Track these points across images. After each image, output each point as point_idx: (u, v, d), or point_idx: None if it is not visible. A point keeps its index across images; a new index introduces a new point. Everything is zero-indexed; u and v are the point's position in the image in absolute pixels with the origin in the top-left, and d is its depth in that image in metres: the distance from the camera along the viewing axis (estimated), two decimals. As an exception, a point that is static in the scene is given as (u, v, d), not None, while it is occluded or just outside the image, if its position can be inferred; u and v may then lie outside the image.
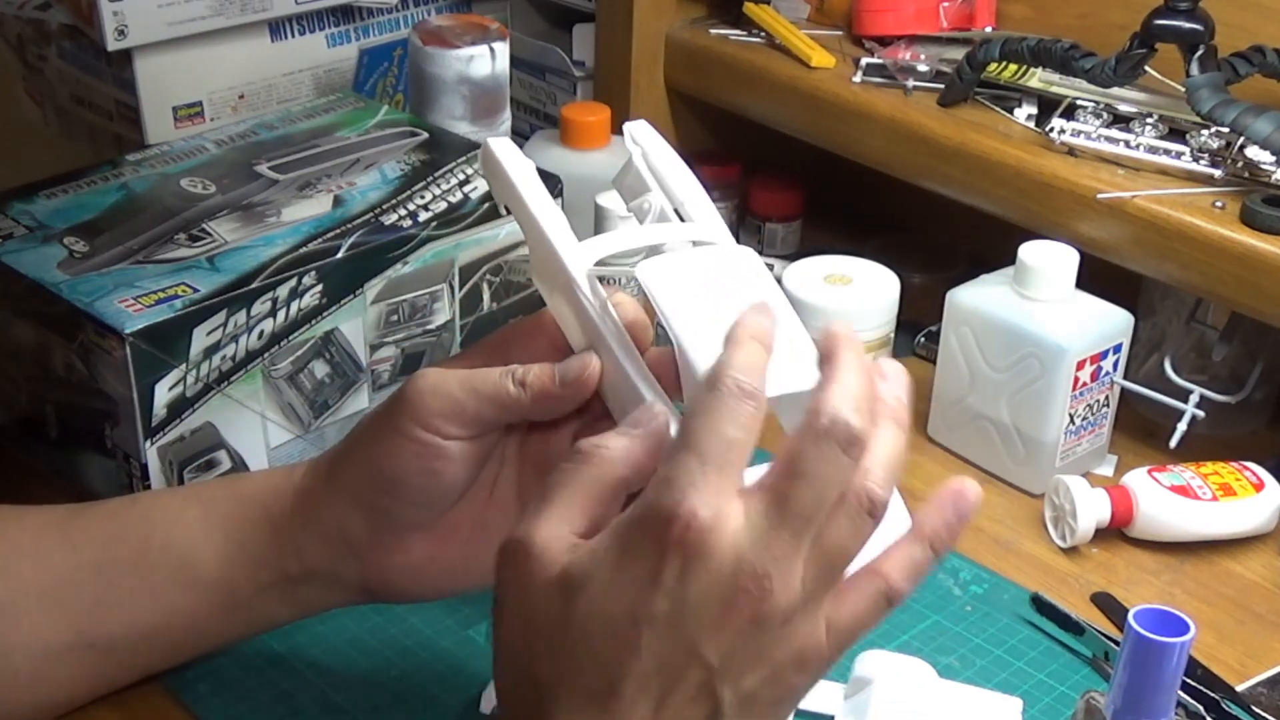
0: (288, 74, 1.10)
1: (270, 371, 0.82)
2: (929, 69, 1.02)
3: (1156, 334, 0.96)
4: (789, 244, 1.18)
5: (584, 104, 1.12)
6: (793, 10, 1.13)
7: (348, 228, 0.85)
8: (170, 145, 0.95)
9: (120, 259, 0.81)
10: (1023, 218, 0.94)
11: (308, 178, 0.91)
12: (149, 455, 0.78)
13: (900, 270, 0.98)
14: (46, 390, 0.82)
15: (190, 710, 0.70)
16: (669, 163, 0.66)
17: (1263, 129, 0.84)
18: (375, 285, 0.85)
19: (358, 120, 0.99)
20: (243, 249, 0.82)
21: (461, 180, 0.91)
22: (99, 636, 0.66)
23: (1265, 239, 0.84)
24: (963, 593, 0.80)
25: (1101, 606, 0.80)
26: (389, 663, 0.73)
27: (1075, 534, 0.83)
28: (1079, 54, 0.92)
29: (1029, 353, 0.86)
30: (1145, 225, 0.88)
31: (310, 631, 0.75)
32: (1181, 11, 0.87)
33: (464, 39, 1.01)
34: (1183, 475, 0.84)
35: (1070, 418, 0.87)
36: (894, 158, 1.01)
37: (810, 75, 1.05)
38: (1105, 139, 0.93)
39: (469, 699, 0.71)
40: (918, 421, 0.95)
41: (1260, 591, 0.82)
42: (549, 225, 0.62)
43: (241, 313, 0.79)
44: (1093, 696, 0.62)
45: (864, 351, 0.55)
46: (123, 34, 0.99)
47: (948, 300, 0.91)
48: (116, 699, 0.70)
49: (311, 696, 0.71)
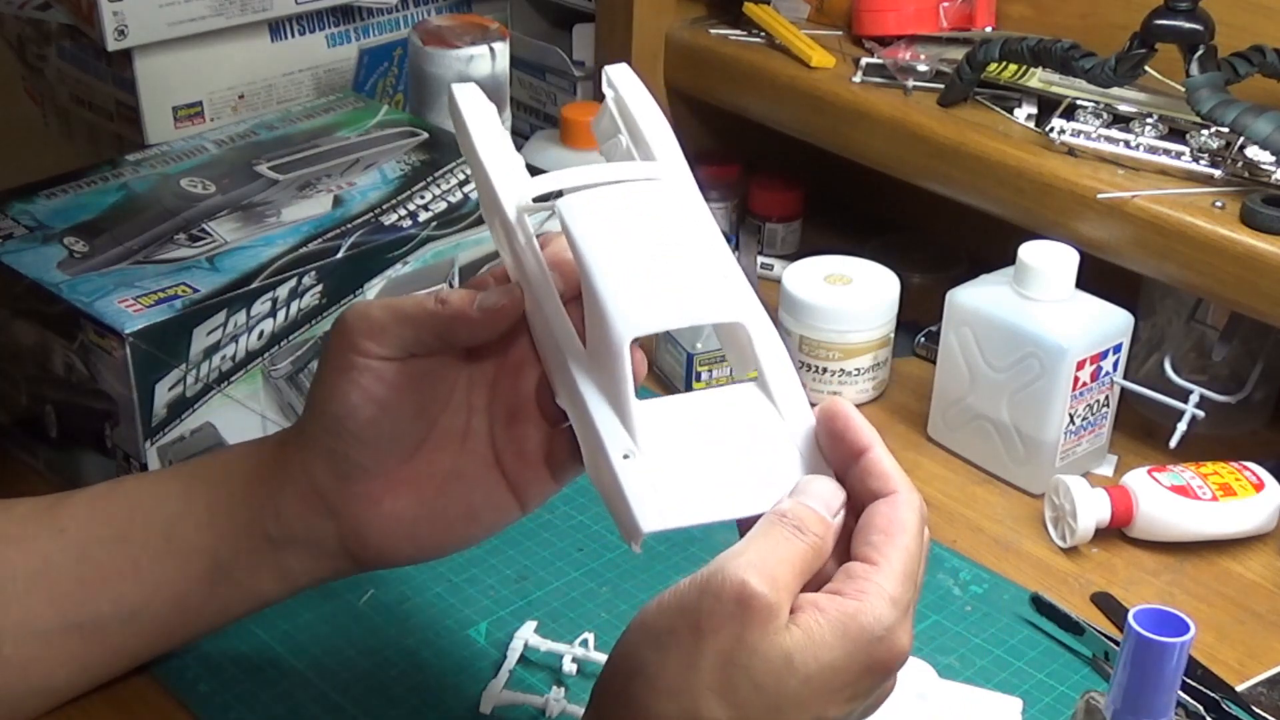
0: (288, 74, 1.10)
1: (270, 371, 0.82)
2: (929, 69, 1.02)
3: (1156, 334, 0.96)
4: (789, 244, 1.18)
5: (584, 104, 1.12)
6: (793, 10, 1.13)
7: (348, 228, 0.85)
8: (170, 145, 0.95)
9: (120, 259, 0.81)
10: (1023, 218, 0.94)
11: (308, 178, 0.91)
12: (149, 455, 0.78)
13: (900, 270, 0.98)
14: (46, 390, 0.82)
15: (190, 710, 0.70)
16: (641, 106, 0.66)
17: (1263, 129, 0.84)
18: (375, 285, 0.85)
19: (358, 120, 0.99)
20: (243, 249, 0.82)
21: (461, 180, 0.91)
22: (85, 617, 0.66)
23: (1265, 239, 0.84)
24: (963, 593, 0.80)
25: (1101, 606, 0.80)
26: (389, 663, 0.73)
27: (1075, 534, 0.83)
28: (1079, 54, 0.92)
29: (1029, 353, 0.86)
30: (1145, 225, 0.88)
31: (310, 631, 0.75)
32: (1181, 11, 0.87)
33: (464, 39, 1.01)
34: (1183, 475, 0.84)
35: (1070, 418, 0.87)
36: (894, 158, 1.01)
37: (810, 75, 1.05)
38: (1105, 139, 0.93)
39: (469, 699, 0.71)
40: (918, 421, 0.95)
41: (1260, 591, 0.82)
42: (490, 160, 0.62)
43: (241, 313, 0.79)
44: (1093, 696, 0.62)
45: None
46: (123, 34, 0.99)
47: (948, 300, 0.90)
48: (116, 699, 0.70)
49: (311, 696, 0.71)
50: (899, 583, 0.54)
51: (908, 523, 0.56)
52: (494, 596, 0.78)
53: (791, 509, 0.55)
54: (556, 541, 0.82)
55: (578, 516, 0.84)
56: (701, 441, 0.57)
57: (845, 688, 0.54)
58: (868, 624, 0.53)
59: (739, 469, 0.57)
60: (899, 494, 0.56)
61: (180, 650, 0.72)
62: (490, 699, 0.70)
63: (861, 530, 0.56)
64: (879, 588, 0.54)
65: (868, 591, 0.53)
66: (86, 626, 0.66)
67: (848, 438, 0.57)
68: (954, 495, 0.89)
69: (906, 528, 0.55)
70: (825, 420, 0.58)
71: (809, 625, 0.53)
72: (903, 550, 0.55)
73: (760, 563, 0.53)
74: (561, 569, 0.80)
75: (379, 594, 0.78)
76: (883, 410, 0.98)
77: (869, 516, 0.56)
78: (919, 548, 0.56)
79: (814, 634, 0.53)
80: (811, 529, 0.55)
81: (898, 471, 0.57)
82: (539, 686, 0.72)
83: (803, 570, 0.54)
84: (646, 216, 0.59)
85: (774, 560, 0.53)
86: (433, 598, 0.78)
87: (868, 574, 0.54)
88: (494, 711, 0.70)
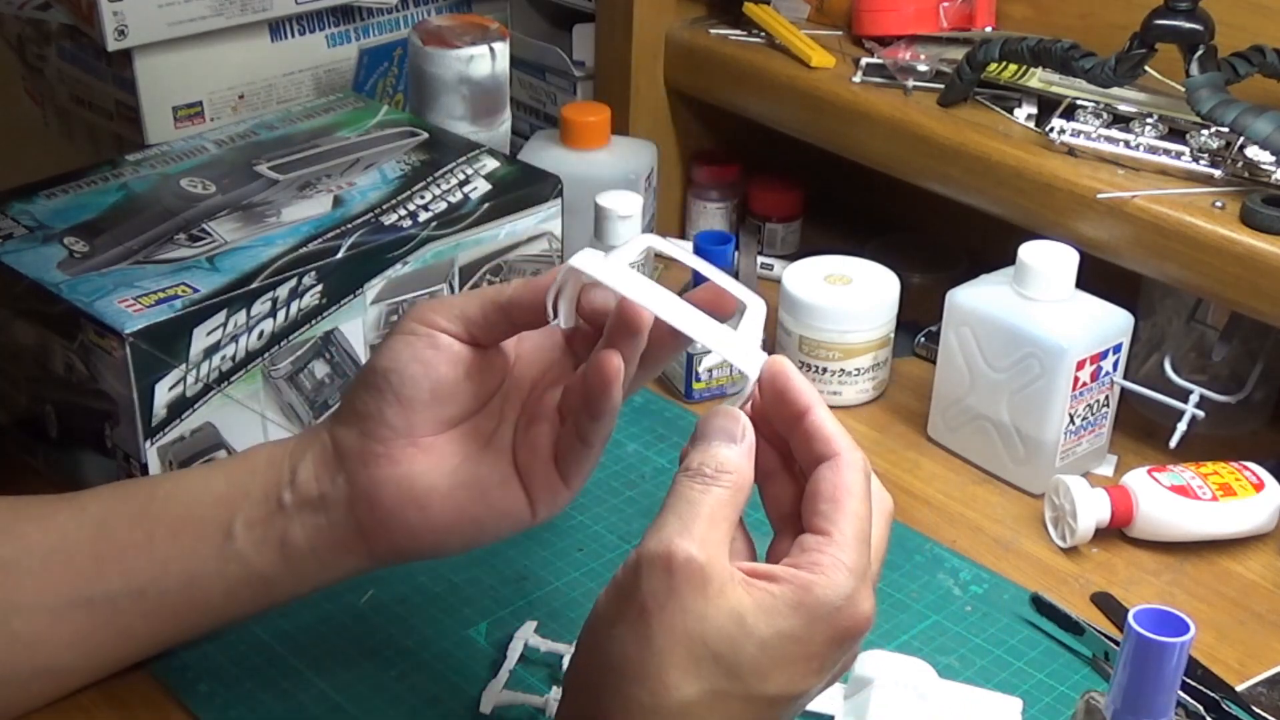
0: (288, 74, 1.10)
1: (270, 371, 0.82)
2: (929, 69, 1.02)
3: (1156, 334, 0.96)
4: (789, 244, 1.18)
5: (584, 104, 1.12)
6: (793, 10, 1.13)
7: (348, 228, 0.85)
8: (170, 145, 0.95)
9: (120, 259, 0.81)
10: (1023, 218, 0.94)
11: (308, 178, 0.91)
12: (149, 455, 0.78)
13: (900, 270, 0.98)
14: (46, 390, 0.82)
15: (190, 710, 0.70)
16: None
17: (1263, 129, 0.84)
18: (375, 285, 0.85)
19: (358, 120, 0.99)
20: (243, 249, 0.82)
21: (461, 180, 0.91)
22: (96, 592, 0.67)
23: (1265, 239, 0.84)
24: (963, 593, 0.80)
25: (1101, 606, 0.80)
26: (389, 663, 0.73)
27: (1075, 534, 0.83)
28: (1079, 54, 0.92)
29: (1029, 353, 0.86)
30: (1145, 225, 0.88)
31: (310, 631, 0.75)
32: (1181, 11, 0.87)
33: (464, 39, 1.01)
34: (1183, 475, 0.84)
35: (1070, 418, 0.87)
36: (894, 158, 1.01)
37: (810, 75, 1.05)
38: (1105, 139, 0.93)
39: (469, 699, 0.71)
40: (918, 421, 0.95)
41: (1260, 591, 0.82)
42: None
43: (241, 313, 0.79)
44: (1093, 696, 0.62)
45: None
46: (123, 34, 0.99)
47: (948, 300, 0.90)
48: (117, 699, 0.70)
49: (311, 696, 0.71)
50: (852, 550, 0.55)
51: (853, 485, 0.56)
52: (494, 596, 0.78)
53: (693, 462, 0.56)
54: (556, 541, 0.82)
55: (578, 516, 0.84)
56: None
57: (811, 659, 0.54)
58: (825, 596, 0.53)
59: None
60: (841, 455, 0.57)
61: (180, 650, 0.72)
62: (490, 699, 0.70)
63: (810, 499, 0.56)
64: (833, 559, 0.54)
65: (821, 564, 0.54)
66: (96, 601, 0.67)
67: (788, 398, 0.58)
68: (954, 495, 0.89)
69: (852, 491, 0.56)
70: (768, 379, 0.58)
71: (761, 593, 0.53)
72: (852, 515, 0.55)
73: (681, 527, 0.54)
74: (561, 569, 0.80)
75: (379, 594, 0.78)
76: (883, 410, 0.98)
77: (815, 484, 0.56)
78: (867, 509, 0.56)
79: (766, 602, 0.53)
80: (720, 470, 0.55)
81: (840, 432, 0.57)
82: (539, 686, 0.72)
83: (727, 516, 0.55)
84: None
85: (692, 519, 0.54)
86: (433, 598, 0.78)
87: (820, 545, 0.55)
88: (494, 711, 0.70)
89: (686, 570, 0.53)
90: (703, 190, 1.19)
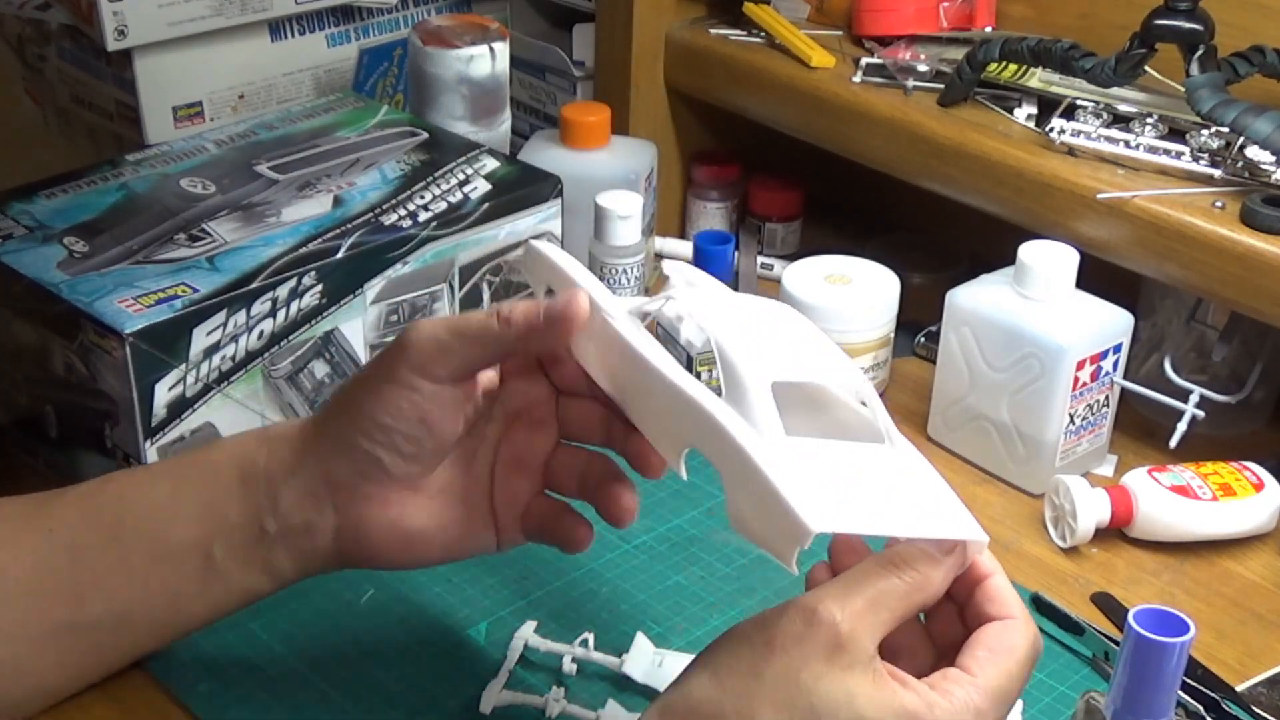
0: (288, 74, 1.10)
1: (270, 371, 0.82)
2: (929, 69, 1.02)
3: (1156, 334, 0.96)
4: (789, 244, 1.18)
5: (584, 104, 1.12)
6: (793, 10, 1.13)
7: (348, 228, 0.85)
8: (170, 145, 0.95)
9: (120, 259, 0.81)
10: (1023, 218, 0.94)
11: (308, 178, 0.91)
12: (149, 455, 0.78)
13: (900, 270, 0.98)
14: (46, 390, 0.82)
15: (190, 710, 0.70)
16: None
17: (1263, 129, 0.84)
18: (375, 285, 0.85)
19: (358, 120, 0.99)
20: (243, 249, 0.82)
21: (461, 180, 0.91)
22: (79, 619, 0.66)
23: (1265, 239, 0.84)
24: (963, 593, 0.80)
25: (1101, 606, 0.80)
26: (389, 663, 0.73)
27: (1075, 534, 0.83)
28: (1079, 54, 0.92)
29: (1029, 353, 0.86)
30: (1145, 225, 0.88)
31: (310, 631, 0.75)
32: (1181, 11, 0.87)
33: (464, 39, 1.01)
34: (1183, 475, 0.84)
35: (1070, 418, 0.87)
36: (894, 158, 1.01)
37: (810, 75, 1.05)
38: (1105, 139, 0.93)
39: (469, 699, 0.71)
40: (918, 421, 0.95)
41: (1260, 591, 0.82)
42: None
43: (241, 313, 0.79)
44: (1093, 696, 0.62)
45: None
46: (123, 34, 0.99)
47: (948, 300, 0.90)
48: (116, 698, 0.70)
49: (311, 696, 0.71)
50: (989, 699, 0.55)
51: (1018, 648, 0.57)
52: (494, 596, 0.78)
53: (897, 548, 0.57)
54: (556, 541, 0.82)
55: (578, 516, 0.84)
56: (851, 470, 0.58)
57: None
58: (940, 717, 0.54)
59: (899, 498, 0.58)
60: (1016, 620, 0.58)
61: (180, 650, 0.72)
62: (490, 699, 0.70)
63: (970, 645, 0.57)
64: (967, 697, 0.55)
65: (954, 694, 0.55)
66: (80, 628, 0.66)
67: (978, 560, 0.59)
68: (954, 495, 0.89)
69: (1015, 653, 0.57)
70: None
71: (888, 690, 0.54)
72: (1004, 672, 0.56)
73: (840, 593, 0.55)
74: (561, 569, 0.80)
75: (379, 594, 0.78)
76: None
77: (980, 633, 0.57)
78: (1021, 676, 0.57)
79: (887, 698, 0.54)
80: (912, 565, 0.56)
81: (1017, 601, 0.58)
82: (539, 686, 0.72)
83: (894, 606, 0.55)
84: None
85: (856, 592, 0.55)
86: (433, 598, 0.78)
87: (961, 680, 0.55)
88: (494, 711, 0.70)
89: (824, 631, 0.54)
90: (703, 190, 1.19)
